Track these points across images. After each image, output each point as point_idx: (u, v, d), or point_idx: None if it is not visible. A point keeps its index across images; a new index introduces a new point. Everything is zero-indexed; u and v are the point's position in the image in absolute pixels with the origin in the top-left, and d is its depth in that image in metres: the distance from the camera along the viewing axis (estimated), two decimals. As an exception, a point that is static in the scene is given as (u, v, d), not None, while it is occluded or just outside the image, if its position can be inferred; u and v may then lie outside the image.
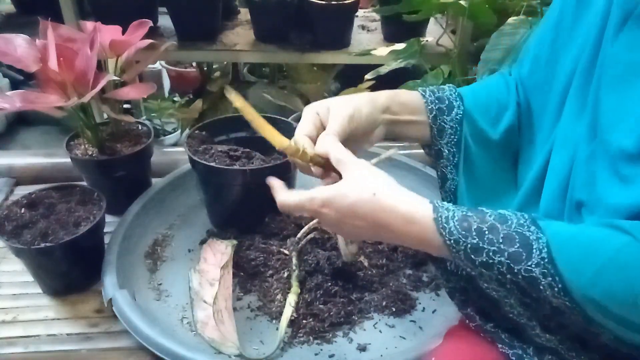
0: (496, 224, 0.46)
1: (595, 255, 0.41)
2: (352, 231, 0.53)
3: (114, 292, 0.72)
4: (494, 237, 0.45)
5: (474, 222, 0.47)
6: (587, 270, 0.41)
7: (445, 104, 0.66)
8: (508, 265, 0.44)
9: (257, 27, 1.46)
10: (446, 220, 0.47)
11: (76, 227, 0.76)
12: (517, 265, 0.44)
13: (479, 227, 0.46)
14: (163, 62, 2.29)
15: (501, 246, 0.45)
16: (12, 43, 0.78)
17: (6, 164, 1.04)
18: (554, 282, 0.42)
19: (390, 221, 0.50)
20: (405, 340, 0.72)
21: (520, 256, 0.44)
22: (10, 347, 0.71)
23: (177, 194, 0.96)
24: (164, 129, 2.01)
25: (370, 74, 1.28)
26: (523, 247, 0.44)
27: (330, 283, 0.78)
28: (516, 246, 0.44)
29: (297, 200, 0.54)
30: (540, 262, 0.43)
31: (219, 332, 0.69)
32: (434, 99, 0.66)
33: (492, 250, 0.45)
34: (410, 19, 1.20)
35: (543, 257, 0.43)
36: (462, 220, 0.47)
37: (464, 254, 0.47)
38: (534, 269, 0.43)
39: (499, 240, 0.45)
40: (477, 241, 0.46)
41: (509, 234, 0.45)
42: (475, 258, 0.46)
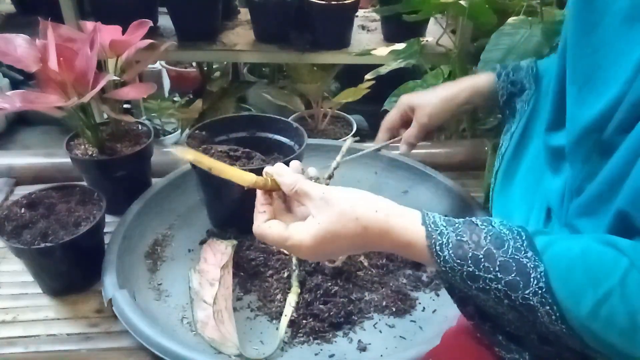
0: (492, 250, 0.45)
1: (594, 287, 0.41)
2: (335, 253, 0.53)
3: (114, 292, 0.72)
4: (490, 265, 0.44)
5: (469, 248, 0.45)
6: (586, 302, 0.41)
7: (517, 88, 0.73)
8: (505, 292, 0.44)
9: (257, 27, 1.46)
10: (440, 249, 0.46)
11: (76, 227, 0.76)
12: (514, 292, 0.43)
13: (475, 255, 0.45)
14: (163, 62, 2.29)
15: (498, 274, 0.44)
16: (12, 43, 0.78)
17: (6, 164, 1.04)
18: (552, 310, 0.42)
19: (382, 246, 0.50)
20: (405, 340, 0.72)
21: (517, 285, 0.43)
22: (10, 347, 0.71)
23: (177, 194, 0.96)
24: (164, 129, 2.01)
25: (370, 74, 1.28)
26: (520, 276, 0.43)
27: (330, 283, 0.78)
28: (513, 274, 0.43)
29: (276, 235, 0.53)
30: (538, 292, 0.42)
31: (219, 332, 0.69)
32: (508, 83, 0.75)
33: (489, 277, 0.44)
34: (410, 19, 1.20)
35: (540, 286, 0.42)
36: (457, 248, 0.45)
37: (460, 279, 0.46)
38: (532, 298, 0.42)
39: (495, 269, 0.44)
40: (472, 269, 0.45)
41: (506, 261, 0.44)
42: (472, 284, 0.45)
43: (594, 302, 0.40)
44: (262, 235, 0.54)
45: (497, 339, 0.53)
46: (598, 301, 0.40)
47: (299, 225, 0.52)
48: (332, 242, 0.49)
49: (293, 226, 0.52)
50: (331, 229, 0.49)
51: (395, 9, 1.21)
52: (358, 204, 0.49)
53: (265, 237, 0.53)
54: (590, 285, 0.41)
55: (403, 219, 0.48)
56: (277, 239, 0.52)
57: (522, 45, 0.94)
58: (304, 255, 0.52)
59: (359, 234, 0.48)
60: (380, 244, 0.49)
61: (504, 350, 0.52)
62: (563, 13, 0.98)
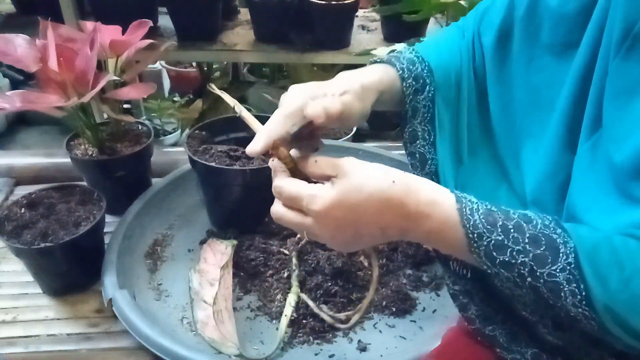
0: (522, 223, 0.43)
1: (621, 265, 0.40)
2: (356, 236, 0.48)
3: (114, 292, 0.72)
4: (520, 236, 0.42)
5: (499, 217, 0.44)
6: (613, 280, 0.40)
7: (420, 84, 0.63)
8: (531, 267, 0.42)
9: (257, 27, 1.46)
10: (470, 212, 0.44)
11: (76, 227, 0.76)
12: (540, 268, 0.42)
13: (505, 224, 0.43)
14: (163, 62, 2.29)
15: (527, 246, 0.42)
16: (12, 43, 0.78)
17: (6, 164, 1.04)
18: (578, 289, 0.40)
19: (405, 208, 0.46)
20: (405, 340, 0.72)
21: (545, 259, 0.41)
22: (10, 347, 0.71)
23: (177, 194, 0.96)
24: (164, 129, 2.01)
25: (370, 74, 1.28)
26: (549, 250, 0.42)
27: (330, 283, 0.78)
28: (542, 248, 0.42)
29: (296, 192, 0.48)
30: (566, 267, 0.41)
31: (219, 332, 0.69)
32: (412, 81, 0.63)
33: (517, 249, 0.42)
34: (410, 19, 1.20)
35: (570, 262, 0.41)
36: (487, 215, 0.44)
37: (485, 251, 0.44)
38: (559, 274, 0.41)
39: (524, 240, 0.42)
40: (502, 238, 0.43)
41: (535, 234, 0.42)
42: (497, 256, 0.43)
43: (620, 282, 0.39)
44: (282, 190, 0.49)
45: (498, 342, 0.52)
46: (624, 281, 0.39)
47: (320, 185, 0.48)
48: (359, 210, 0.46)
49: (315, 186, 0.48)
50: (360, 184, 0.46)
51: (395, 9, 1.21)
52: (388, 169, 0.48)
53: (286, 192, 0.48)
54: (616, 266, 0.40)
55: (433, 185, 0.47)
56: (298, 197, 0.47)
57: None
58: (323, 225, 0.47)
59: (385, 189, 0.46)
60: (406, 205, 0.46)
61: (506, 351, 0.52)
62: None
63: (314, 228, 0.48)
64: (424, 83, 0.63)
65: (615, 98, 0.44)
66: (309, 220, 0.48)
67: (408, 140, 0.65)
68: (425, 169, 0.64)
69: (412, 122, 0.64)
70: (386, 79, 0.62)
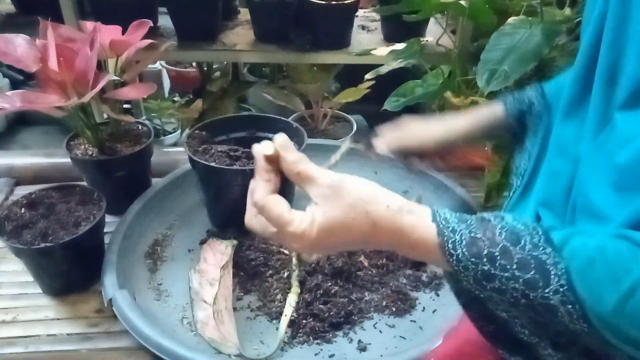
0: (508, 247, 0.42)
1: (618, 280, 0.39)
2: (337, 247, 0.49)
3: (114, 292, 0.72)
4: (507, 263, 0.41)
5: (483, 245, 0.42)
6: (610, 298, 0.38)
7: (525, 105, 0.70)
8: (523, 292, 0.41)
9: (257, 27, 1.46)
10: (453, 247, 0.43)
11: (76, 227, 0.76)
12: (533, 292, 0.40)
13: (490, 252, 0.42)
14: (163, 62, 2.29)
15: (515, 272, 0.41)
16: (12, 43, 0.78)
17: (6, 164, 1.04)
18: (574, 309, 0.39)
19: (389, 244, 0.46)
20: (405, 340, 0.72)
21: (536, 283, 0.40)
22: (10, 347, 0.71)
23: (177, 194, 0.96)
24: (164, 129, 2.01)
25: (370, 74, 1.28)
26: (539, 273, 0.40)
27: (330, 283, 0.78)
28: (532, 272, 0.40)
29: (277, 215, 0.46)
30: (559, 290, 0.39)
31: (219, 332, 0.69)
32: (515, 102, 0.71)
33: (506, 276, 0.41)
34: (410, 19, 1.20)
35: (562, 284, 0.39)
36: (471, 245, 0.42)
37: (474, 280, 0.43)
38: (552, 297, 0.40)
39: (512, 267, 0.41)
40: (488, 268, 0.42)
41: (524, 258, 0.41)
42: (487, 284, 0.42)
43: (619, 298, 0.38)
44: (264, 209, 0.47)
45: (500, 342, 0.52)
46: (623, 296, 0.38)
47: (300, 212, 0.46)
48: (337, 236, 0.45)
49: (295, 212, 0.46)
50: (339, 221, 0.44)
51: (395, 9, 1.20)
52: (369, 197, 0.45)
53: (268, 211, 0.46)
54: (612, 282, 0.39)
55: (413, 216, 0.45)
56: (277, 220, 0.46)
57: (522, 45, 0.94)
58: (300, 247, 0.46)
59: (366, 230, 0.45)
60: (389, 241, 0.46)
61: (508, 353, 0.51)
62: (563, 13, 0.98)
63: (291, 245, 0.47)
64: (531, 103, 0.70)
65: None
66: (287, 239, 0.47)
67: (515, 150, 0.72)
68: (517, 174, 0.69)
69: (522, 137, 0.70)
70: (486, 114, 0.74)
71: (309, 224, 0.45)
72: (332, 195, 0.45)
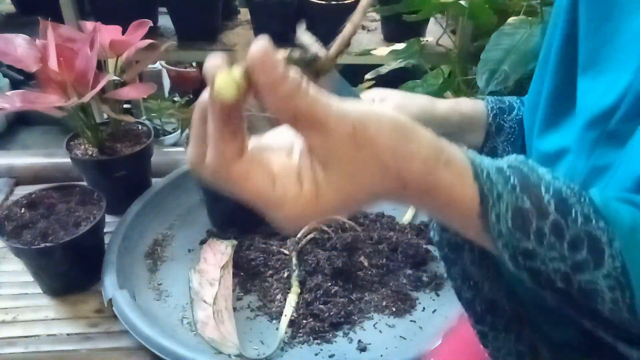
0: (560, 221, 0.34)
1: None
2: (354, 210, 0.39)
3: (114, 292, 0.72)
4: (557, 241, 0.34)
5: (532, 217, 0.34)
6: None
7: (506, 105, 0.69)
8: (565, 274, 0.34)
9: (257, 27, 1.46)
10: (497, 219, 0.34)
11: (76, 227, 0.76)
12: (579, 274, 0.34)
13: (539, 228, 0.34)
14: (163, 62, 2.29)
15: (565, 252, 0.34)
16: (12, 43, 0.78)
17: (6, 164, 1.04)
18: (622, 297, 0.33)
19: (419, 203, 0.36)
20: (405, 340, 0.72)
21: (586, 265, 0.33)
22: (10, 347, 0.71)
23: (177, 194, 0.96)
24: (164, 129, 2.01)
25: (370, 74, 1.28)
26: (592, 253, 0.33)
27: (330, 283, 0.78)
28: (584, 252, 0.33)
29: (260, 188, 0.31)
30: (612, 274, 0.33)
31: (219, 332, 0.69)
32: (496, 100, 0.70)
33: (551, 256, 0.34)
34: (410, 19, 1.20)
35: (616, 266, 0.33)
36: (517, 216, 0.34)
37: (510, 256, 0.35)
38: (600, 281, 0.33)
39: (563, 245, 0.34)
40: (533, 246, 0.34)
41: (577, 235, 0.33)
42: (524, 262, 0.35)
43: None
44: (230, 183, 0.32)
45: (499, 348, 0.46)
46: None
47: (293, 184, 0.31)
48: (357, 201, 0.33)
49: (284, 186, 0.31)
50: (359, 189, 0.32)
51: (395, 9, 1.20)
52: (402, 147, 0.32)
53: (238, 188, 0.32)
54: None
55: (451, 170, 0.34)
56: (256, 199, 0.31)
57: (522, 45, 0.94)
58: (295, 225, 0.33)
59: (394, 193, 0.34)
60: (417, 202, 0.36)
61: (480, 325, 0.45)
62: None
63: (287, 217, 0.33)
64: (512, 106, 0.69)
65: None
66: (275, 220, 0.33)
67: (487, 153, 0.69)
68: None
69: (495, 139, 0.68)
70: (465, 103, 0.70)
71: (308, 200, 0.31)
72: (351, 150, 0.31)
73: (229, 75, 0.28)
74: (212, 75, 0.28)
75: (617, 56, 0.44)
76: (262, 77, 0.28)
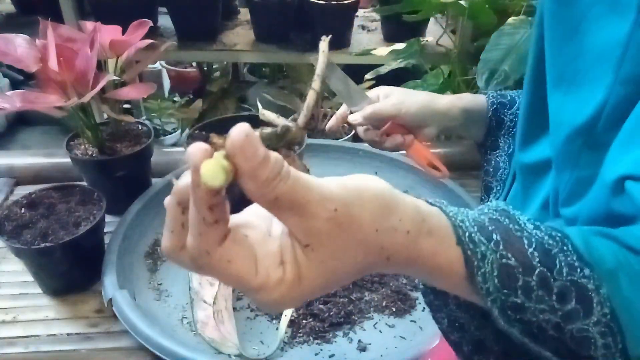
0: (545, 274, 0.34)
1: None
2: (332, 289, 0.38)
3: (114, 292, 0.72)
4: (545, 294, 0.34)
5: (518, 274, 0.34)
6: None
7: (507, 99, 0.70)
8: (557, 324, 0.34)
9: (257, 27, 1.46)
10: (483, 279, 0.34)
11: (76, 227, 0.76)
12: (570, 324, 0.34)
13: (525, 282, 0.34)
14: (163, 62, 2.29)
15: (555, 304, 0.34)
16: (12, 43, 0.78)
17: (6, 164, 1.04)
18: (614, 342, 0.34)
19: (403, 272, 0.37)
20: (405, 340, 0.72)
21: (576, 314, 0.33)
22: (10, 347, 0.71)
23: (177, 194, 0.96)
24: (164, 129, 2.01)
25: (370, 74, 1.28)
26: (580, 303, 0.33)
27: (330, 283, 0.77)
28: (572, 302, 0.33)
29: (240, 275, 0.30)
30: (601, 320, 0.33)
31: (219, 332, 0.69)
32: (497, 95, 0.71)
33: (540, 308, 0.34)
34: (410, 19, 1.20)
35: (605, 312, 0.33)
36: (503, 274, 0.34)
37: (499, 311, 0.35)
38: (592, 329, 0.33)
39: (551, 298, 0.34)
40: (522, 301, 0.34)
41: (564, 286, 0.33)
42: (513, 315, 0.35)
43: None
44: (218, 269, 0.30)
45: None
46: None
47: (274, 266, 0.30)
48: (340, 280, 0.32)
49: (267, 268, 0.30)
50: (342, 269, 0.31)
51: (395, 9, 1.21)
52: (383, 222, 0.32)
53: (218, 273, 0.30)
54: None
55: (432, 238, 0.34)
56: (236, 283, 0.30)
57: (522, 45, 0.94)
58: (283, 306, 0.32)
59: (377, 266, 0.33)
60: (404, 270, 0.36)
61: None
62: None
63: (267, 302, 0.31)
64: (513, 100, 0.70)
65: None
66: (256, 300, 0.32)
67: (489, 147, 0.71)
68: (497, 177, 0.68)
69: (496, 133, 0.70)
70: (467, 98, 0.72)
71: (291, 284, 0.30)
72: (333, 232, 0.30)
73: (216, 161, 0.27)
74: (195, 162, 0.28)
75: (586, 73, 0.45)
76: (243, 163, 0.28)
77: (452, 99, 0.72)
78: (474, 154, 1.12)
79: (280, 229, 0.32)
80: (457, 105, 0.72)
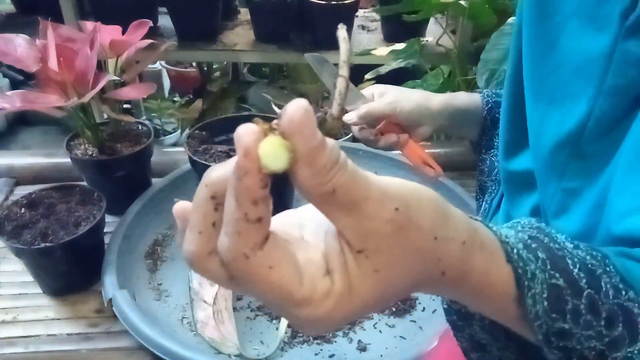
0: (593, 296, 0.31)
1: None
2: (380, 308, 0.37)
3: (114, 292, 0.72)
4: (594, 319, 0.31)
5: (567, 296, 0.31)
6: None
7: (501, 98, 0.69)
8: (601, 351, 0.31)
9: (257, 27, 1.46)
10: (533, 301, 0.30)
11: (76, 227, 0.76)
12: (614, 352, 0.31)
13: (575, 306, 0.31)
14: (163, 62, 2.29)
15: (602, 330, 0.31)
16: (12, 43, 0.78)
17: (6, 164, 1.04)
18: None
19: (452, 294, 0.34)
20: (405, 340, 0.72)
21: (622, 341, 0.31)
22: (10, 347, 0.71)
23: (177, 194, 0.96)
24: (164, 129, 2.01)
25: (370, 73, 1.28)
26: (627, 328, 0.31)
27: (330, 283, 0.77)
28: (619, 328, 0.31)
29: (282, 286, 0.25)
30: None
31: (219, 332, 0.69)
32: (492, 94, 0.71)
33: (587, 335, 0.31)
34: (410, 19, 1.20)
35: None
36: (553, 297, 0.31)
37: (543, 337, 0.32)
38: (636, 357, 0.31)
39: (600, 323, 0.31)
40: (569, 327, 0.31)
41: (611, 310, 0.31)
42: (556, 342, 0.32)
43: None
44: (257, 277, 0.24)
45: None
46: None
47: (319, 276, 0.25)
48: (394, 295, 0.28)
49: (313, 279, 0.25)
50: (401, 278, 0.27)
51: (395, 9, 1.21)
52: (441, 233, 0.28)
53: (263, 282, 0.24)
54: None
55: (484, 253, 0.30)
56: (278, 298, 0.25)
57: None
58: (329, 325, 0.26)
59: (433, 280, 0.29)
60: (454, 288, 0.31)
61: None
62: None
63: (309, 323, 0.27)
64: None
65: None
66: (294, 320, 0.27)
67: (484, 147, 0.71)
68: (492, 176, 0.68)
69: (491, 133, 0.70)
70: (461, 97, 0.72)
71: (340, 297, 0.25)
72: (393, 236, 0.25)
73: (277, 140, 0.23)
74: (249, 144, 0.22)
75: (567, 86, 0.45)
76: (302, 144, 0.23)
77: (447, 98, 0.72)
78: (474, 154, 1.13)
79: (314, 238, 0.28)
80: (452, 104, 0.72)
